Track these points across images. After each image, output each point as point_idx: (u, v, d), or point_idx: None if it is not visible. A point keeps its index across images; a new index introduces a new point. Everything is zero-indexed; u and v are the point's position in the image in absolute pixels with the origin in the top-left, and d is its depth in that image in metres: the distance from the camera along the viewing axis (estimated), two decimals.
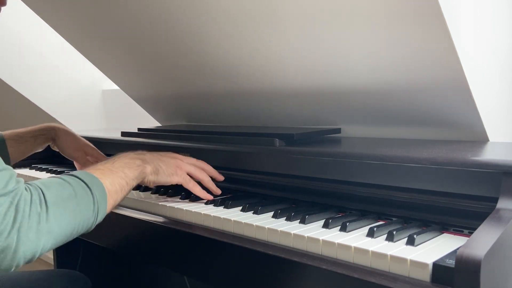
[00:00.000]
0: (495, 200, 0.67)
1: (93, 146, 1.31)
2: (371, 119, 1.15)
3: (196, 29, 1.23)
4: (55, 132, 1.27)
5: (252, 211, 0.89)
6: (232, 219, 0.84)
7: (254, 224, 0.80)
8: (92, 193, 0.75)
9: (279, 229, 0.76)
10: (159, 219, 0.95)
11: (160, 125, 1.85)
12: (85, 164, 1.27)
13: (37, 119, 2.52)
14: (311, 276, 0.68)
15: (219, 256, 0.82)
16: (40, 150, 1.29)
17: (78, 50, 1.72)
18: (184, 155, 1.04)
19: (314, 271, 0.67)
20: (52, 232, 0.67)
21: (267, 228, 0.78)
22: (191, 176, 0.98)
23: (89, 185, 0.76)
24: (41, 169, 1.54)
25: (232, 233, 0.83)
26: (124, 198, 0.87)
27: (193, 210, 0.92)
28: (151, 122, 1.89)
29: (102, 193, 0.78)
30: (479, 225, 0.62)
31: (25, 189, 0.67)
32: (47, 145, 1.31)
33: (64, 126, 1.31)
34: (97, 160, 1.28)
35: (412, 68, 0.96)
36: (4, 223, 0.62)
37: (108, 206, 0.80)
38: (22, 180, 0.68)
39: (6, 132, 1.25)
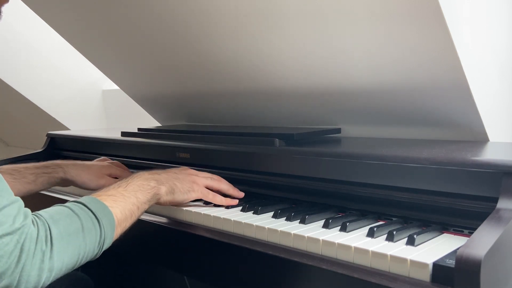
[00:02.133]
0: (495, 200, 0.67)
1: (107, 164, 1.17)
2: (371, 119, 1.15)
3: (196, 29, 1.23)
4: (63, 171, 1.10)
5: (252, 211, 0.89)
6: (232, 219, 0.84)
7: (254, 224, 0.80)
8: (100, 226, 0.73)
9: (279, 229, 0.76)
10: (160, 220, 0.95)
11: (160, 125, 1.85)
12: None
13: (37, 119, 2.52)
14: (311, 276, 0.68)
15: (219, 256, 0.82)
16: (39, 191, 1.10)
17: (78, 50, 1.72)
18: (184, 168, 0.99)
19: (314, 271, 0.67)
20: (54, 269, 0.66)
21: (267, 228, 0.78)
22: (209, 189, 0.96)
23: (98, 216, 0.73)
24: (66, 160, 1.51)
25: (232, 233, 0.83)
26: (134, 222, 0.83)
27: (193, 210, 0.92)
28: (151, 122, 1.89)
29: (111, 224, 0.75)
30: (479, 225, 0.62)
31: (32, 222, 0.66)
32: (51, 187, 1.12)
33: (68, 161, 1.14)
34: (122, 176, 1.14)
35: (412, 68, 0.96)
36: (8, 262, 0.61)
37: (115, 235, 0.78)
38: (29, 212, 0.66)
39: (2, 166, 1.09)
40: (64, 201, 0.99)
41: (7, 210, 0.63)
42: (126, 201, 0.81)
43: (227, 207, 0.93)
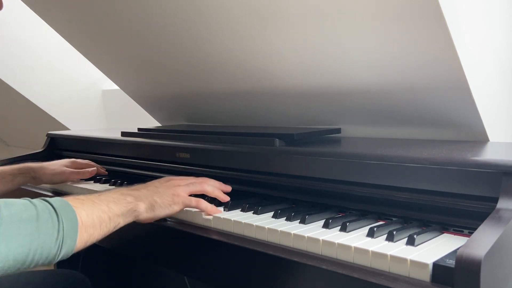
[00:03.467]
0: (495, 200, 0.67)
1: (71, 159, 1.33)
2: (371, 119, 1.15)
3: (196, 29, 1.23)
4: (33, 171, 1.25)
5: (252, 211, 0.89)
6: (232, 219, 0.84)
7: (254, 224, 0.80)
8: (58, 220, 0.69)
9: (279, 229, 0.76)
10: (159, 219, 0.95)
11: (160, 125, 1.85)
12: (78, 177, 1.28)
13: (37, 119, 2.52)
14: (311, 276, 0.68)
15: (219, 256, 0.82)
16: (16, 188, 1.25)
17: (78, 50, 1.72)
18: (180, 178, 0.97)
19: (314, 271, 0.67)
20: None
21: (267, 228, 0.78)
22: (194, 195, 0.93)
23: (58, 210, 0.69)
24: (36, 163, 1.52)
25: (232, 233, 0.83)
26: (106, 235, 0.78)
27: (193, 211, 0.92)
28: (151, 122, 1.89)
29: (72, 222, 0.70)
30: (479, 225, 0.62)
31: None
32: (24, 184, 1.29)
33: (37, 163, 1.30)
34: (86, 167, 1.31)
35: (412, 68, 0.96)
36: None
37: (80, 238, 0.72)
38: None
39: None
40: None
41: None
42: (95, 207, 0.76)
43: (227, 207, 0.93)
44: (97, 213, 0.76)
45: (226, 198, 0.95)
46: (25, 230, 0.65)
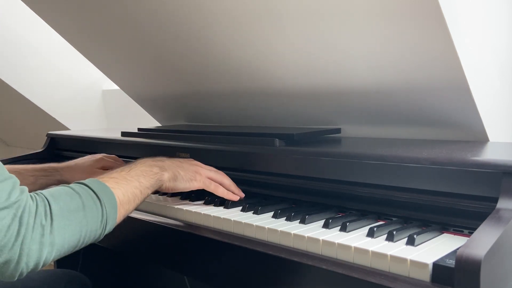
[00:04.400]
0: (495, 200, 0.67)
1: (98, 157, 1.23)
2: (371, 119, 1.15)
3: (196, 29, 1.23)
4: (59, 174, 1.18)
5: (252, 211, 0.89)
6: (232, 219, 0.84)
7: (254, 224, 0.80)
8: (101, 204, 0.73)
9: (279, 229, 0.76)
10: (159, 219, 0.95)
11: (160, 125, 1.85)
12: None
13: (37, 119, 2.52)
14: (311, 276, 0.68)
15: (219, 256, 0.82)
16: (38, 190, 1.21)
17: (78, 50, 1.72)
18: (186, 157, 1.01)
19: (314, 271, 0.67)
20: (55, 244, 0.66)
21: (267, 228, 0.78)
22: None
23: (99, 195, 0.74)
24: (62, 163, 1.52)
25: (232, 233, 0.83)
26: (137, 206, 0.84)
27: (193, 210, 0.92)
28: (151, 122, 1.89)
29: (112, 204, 0.75)
30: (479, 225, 0.62)
31: (32, 198, 0.66)
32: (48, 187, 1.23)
33: (64, 163, 1.21)
34: (114, 166, 1.19)
35: (412, 68, 0.96)
36: (7, 236, 0.61)
37: (119, 216, 0.78)
38: (26, 188, 0.67)
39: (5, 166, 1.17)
40: None
41: (1, 185, 0.64)
42: (128, 184, 0.81)
43: (227, 206, 0.93)
44: (131, 190, 0.81)
45: (242, 194, 0.99)
46: (75, 220, 0.69)
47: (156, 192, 1.09)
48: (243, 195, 0.99)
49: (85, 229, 0.71)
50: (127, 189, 0.80)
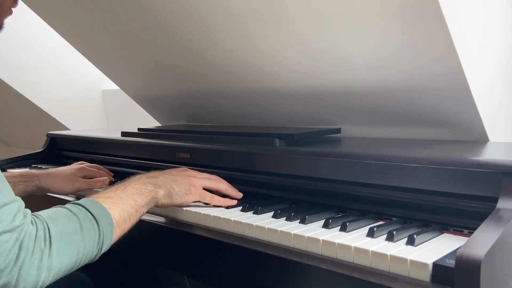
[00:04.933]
0: (495, 200, 0.67)
1: (80, 166, 1.22)
2: (371, 119, 1.15)
3: (196, 29, 1.23)
4: (38, 179, 1.16)
5: (252, 211, 0.89)
6: (232, 219, 0.84)
7: (254, 224, 0.80)
8: (98, 226, 0.73)
9: (279, 229, 0.76)
10: (160, 219, 0.95)
11: (160, 125, 1.85)
12: (90, 186, 1.18)
13: (37, 119, 2.52)
14: (311, 276, 0.68)
15: (219, 256, 0.82)
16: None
17: (78, 50, 1.72)
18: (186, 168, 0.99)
19: (314, 271, 0.67)
20: (52, 269, 0.66)
21: (267, 228, 0.78)
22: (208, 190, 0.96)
23: (97, 217, 0.73)
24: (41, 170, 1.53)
25: (232, 233, 0.83)
26: (133, 225, 0.83)
27: (193, 210, 0.92)
28: (151, 122, 1.89)
29: (109, 225, 0.75)
30: (479, 225, 0.62)
31: (31, 222, 0.66)
32: (28, 195, 1.16)
33: (43, 170, 1.19)
34: (96, 176, 1.20)
35: (412, 68, 0.96)
36: (7, 260, 0.61)
37: (114, 237, 0.77)
38: (29, 212, 0.67)
39: None
40: (64, 202, 0.99)
41: (8, 208, 0.63)
42: (124, 203, 0.81)
43: (227, 207, 0.93)
44: (126, 209, 0.80)
45: (239, 195, 0.99)
46: (73, 243, 0.69)
47: None
48: (240, 195, 0.99)
49: (83, 251, 0.71)
50: (123, 209, 0.80)
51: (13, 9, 0.91)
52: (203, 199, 0.94)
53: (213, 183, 0.97)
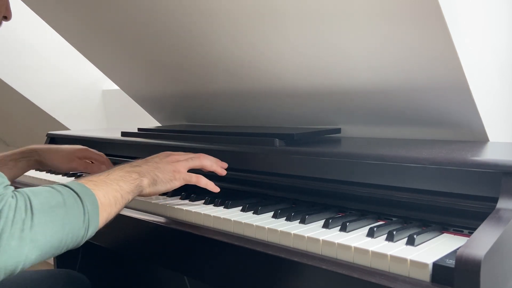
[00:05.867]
0: (495, 200, 0.67)
1: (83, 147, 1.24)
2: (371, 119, 1.15)
3: (196, 29, 1.23)
4: (38, 154, 1.18)
5: (252, 211, 0.89)
6: (232, 219, 0.84)
7: (254, 224, 0.80)
8: (82, 204, 0.71)
9: (279, 229, 0.76)
10: (159, 219, 0.95)
11: (160, 125, 1.85)
12: (87, 169, 1.21)
13: (37, 119, 2.52)
14: (311, 276, 0.68)
15: (219, 256, 0.82)
16: (21, 174, 1.19)
17: (78, 50, 1.72)
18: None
19: (314, 271, 0.67)
20: (36, 241, 0.63)
21: (267, 228, 0.78)
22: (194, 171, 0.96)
23: (80, 195, 0.72)
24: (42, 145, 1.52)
25: (232, 233, 0.83)
26: (119, 211, 0.82)
27: (193, 210, 0.92)
28: (151, 122, 1.89)
29: (93, 204, 0.73)
30: (479, 225, 0.62)
31: (12, 196, 0.64)
32: (31, 169, 1.22)
33: (44, 145, 1.21)
34: (96, 161, 1.24)
35: (412, 68, 0.96)
36: None
37: (101, 219, 0.75)
38: (11, 187, 0.66)
39: None
40: None
41: None
42: (108, 187, 0.79)
43: (227, 206, 0.93)
44: (111, 193, 0.79)
45: (223, 172, 0.99)
46: (56, 216, 0.67)
47: None
48: (224, 172, 0.99)
49: (68, 227, 0.68)
50: (107, 191, 0.78)
51: (4, 22, 0.91)
52: (189, 181, 0.94)
53: (196, 162, 0.96)
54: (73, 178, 1.21)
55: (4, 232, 0.60)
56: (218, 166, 0.99)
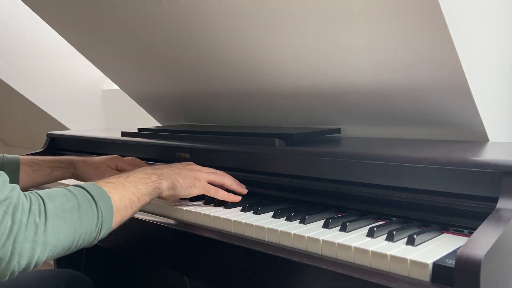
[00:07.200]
0: (495, 200, 0.67)
1: (114, 156, 1.22)
2: (371, 119, 1.15)
3: (196, 29, 1.23)
4: (74, 167, 1.19)
5: (252, 211, 0.89)
6: (232, 219, 0.84)
7: (254, 224, 0.80)
8: (97, 207, 0.73)
9: (279, 229, 0.76)
10: (160, 219, 0.95)
11: (160, 125, 1.85)
12: None
13: (37, 119, 2.52)
14: (311, 276, 0.68)
15: (219, 256, 0.82)
16: (53, 182, 1.20)
17: (78, 50, 1.72)
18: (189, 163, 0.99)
19: (314, 271, 0.67)
20: (48, 244, 0.65)
21: (267, 228, 0.78)
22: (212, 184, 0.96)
23: (96, 198, 0.73)
24: (77, 157, 1.51)
25: (232, 233, 0.83)
26: (135, 213, 0.83)
27: (193, 210, 0.92)
28: (151, 122, 1.89)
29: (109, 208, 0.75)
30: (479, 225, 0.62)
31: (25, 197, 0.65)
32: (63, 180, 1.22)
33: (79, 157, 1.22)
34: (130, 166, 1.20)
35: (412, 68, 0.96)
36: None
37: (115, 221, 0.77)
38: (17, 186, 0.66)
39: (23, 157, 1.18)
40: None
41: None
42: (126, 189, 0.80)
43: (227, 206, 0.93)
44: (127, 196, 0.80)
45: (244, 191, 0.99)
46: (69, 221, 0.68)
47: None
48: (245, 191, 0.99)
49: (80, 231, 0.70)
50: (124, 194, 0.79)
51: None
52: (207, 192, 0.94)
53: (217, 177, 0.97)
54: None
55: (18, 236, 0.62)
56: (239, 186, 0.99)
